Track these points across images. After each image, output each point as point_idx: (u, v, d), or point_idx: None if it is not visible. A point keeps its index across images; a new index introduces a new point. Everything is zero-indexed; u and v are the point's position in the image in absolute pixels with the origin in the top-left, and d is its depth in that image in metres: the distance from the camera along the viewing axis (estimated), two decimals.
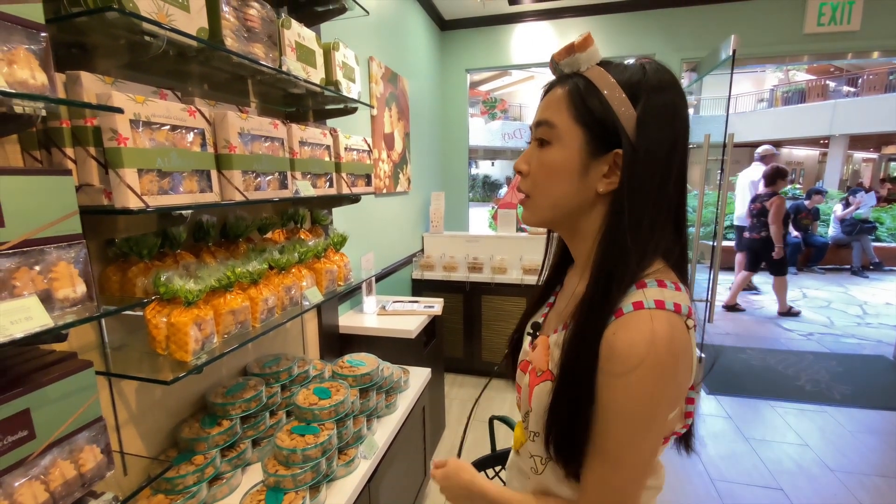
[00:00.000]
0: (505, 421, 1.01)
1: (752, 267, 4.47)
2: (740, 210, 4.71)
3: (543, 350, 0.62)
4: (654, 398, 0.51)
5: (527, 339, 0.71)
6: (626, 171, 0.55)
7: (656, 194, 0.55)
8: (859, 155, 15.57)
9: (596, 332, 0.53)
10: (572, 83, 0.57)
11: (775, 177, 4.12)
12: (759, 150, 4.67)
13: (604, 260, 0.56)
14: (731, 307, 4.68)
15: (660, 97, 0.55)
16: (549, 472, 0.62)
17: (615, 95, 0.54)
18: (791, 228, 6.34)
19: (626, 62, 0.58)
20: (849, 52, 3.19)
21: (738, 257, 4.70)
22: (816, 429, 2.51)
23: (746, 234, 4.39)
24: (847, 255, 6.44)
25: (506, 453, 0.92)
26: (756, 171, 4.58)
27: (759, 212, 4.19)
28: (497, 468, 0.98)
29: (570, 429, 0.56)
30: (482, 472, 0.95)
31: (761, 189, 4.28)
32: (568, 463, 0.57)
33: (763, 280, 6.06)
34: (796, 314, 4.47)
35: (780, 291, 4.42)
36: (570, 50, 0.57)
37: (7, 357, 0.67)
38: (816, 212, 6.40)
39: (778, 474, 2.13)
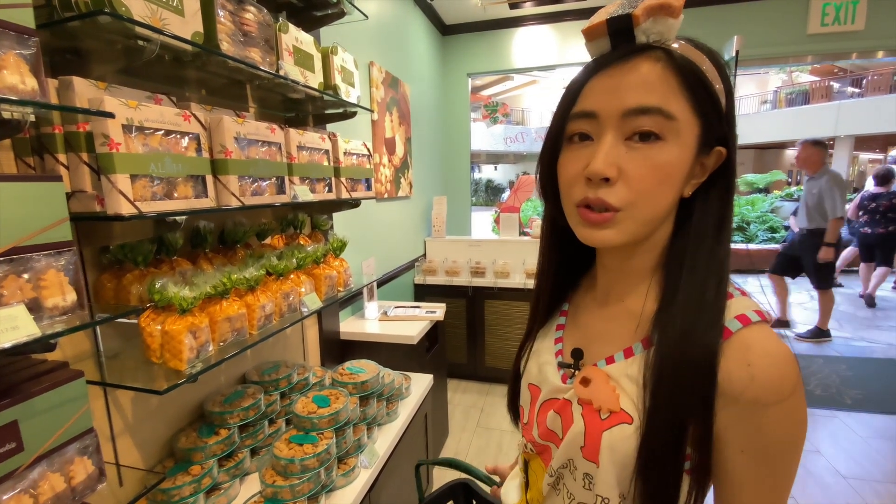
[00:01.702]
0: (454, 465, 0.86)
1: (888, 261, 4.67)
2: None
3: (606, 384, 0.50)
4: (806, 417, 0.45)
5: (555, 371, 0.57)
6: (732, 170, 0.49)
7: None
8: (865, 156, 15.46)
9: (707, 356, 0.44)
10: (675, 60, 0.44)
11: (890, 176, 4.55)
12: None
13: (700, 273, 0.48)
14: (871, 301, 4.91)
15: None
16: None
17: (716, 79, 0.45)
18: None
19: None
20: (853, 52, 3.16)
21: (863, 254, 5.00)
22: (828, 435, 2.46)
23: (868, 231, 4.63)
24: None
25: (434, 498, 0.82)
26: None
27: (886, 209, 4.49)
28: None
29: (674, 484, 0.46)
30: None
31: (873, 189, 4.61)
32: None
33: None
34: None
35: None
36: (665, 10, 0.43)
37: None
38: None
39: None
